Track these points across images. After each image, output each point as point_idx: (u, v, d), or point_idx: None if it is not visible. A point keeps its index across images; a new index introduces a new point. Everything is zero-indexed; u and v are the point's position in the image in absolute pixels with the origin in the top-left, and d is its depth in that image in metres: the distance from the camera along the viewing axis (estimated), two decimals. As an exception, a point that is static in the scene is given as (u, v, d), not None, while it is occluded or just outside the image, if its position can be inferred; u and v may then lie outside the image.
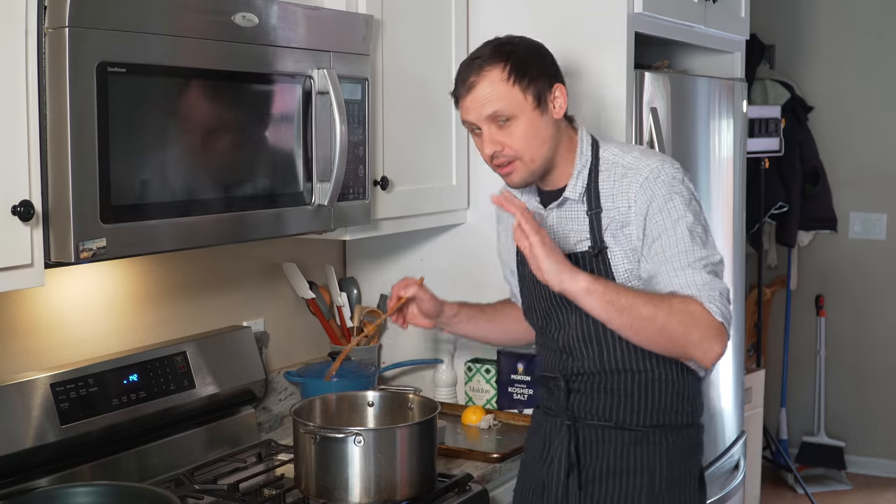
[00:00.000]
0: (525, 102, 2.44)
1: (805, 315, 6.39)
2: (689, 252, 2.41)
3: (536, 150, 2.47)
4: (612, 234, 2.48)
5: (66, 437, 2.56)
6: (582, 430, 2.57)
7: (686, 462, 2.59)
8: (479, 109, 2.45)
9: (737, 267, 4.04)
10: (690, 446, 2.60)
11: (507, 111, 2.43)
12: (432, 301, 2.74)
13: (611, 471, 2.54)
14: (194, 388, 2.91)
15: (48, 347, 2.69)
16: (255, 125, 2.52)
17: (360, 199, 2.85)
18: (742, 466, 4.09)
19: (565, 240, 2.54)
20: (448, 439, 3.10)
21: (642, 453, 2.53)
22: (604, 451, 2.55)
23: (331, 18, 2.76)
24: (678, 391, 2.55)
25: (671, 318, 2.34)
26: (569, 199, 2.53)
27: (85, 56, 2.06)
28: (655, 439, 2.54)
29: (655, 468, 2.53)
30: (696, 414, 2.61)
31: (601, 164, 2.53)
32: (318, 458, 2.56)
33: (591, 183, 2.52)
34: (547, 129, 2.48)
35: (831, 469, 6.25)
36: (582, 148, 2.54)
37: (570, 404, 2.58)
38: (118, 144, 2.14)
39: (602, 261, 2.48)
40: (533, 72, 2.45)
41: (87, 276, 2.76)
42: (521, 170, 2.49)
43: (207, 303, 3.14)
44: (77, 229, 2.08)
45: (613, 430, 2.54)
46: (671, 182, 2.45)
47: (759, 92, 6.19)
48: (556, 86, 2.49)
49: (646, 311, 2.35)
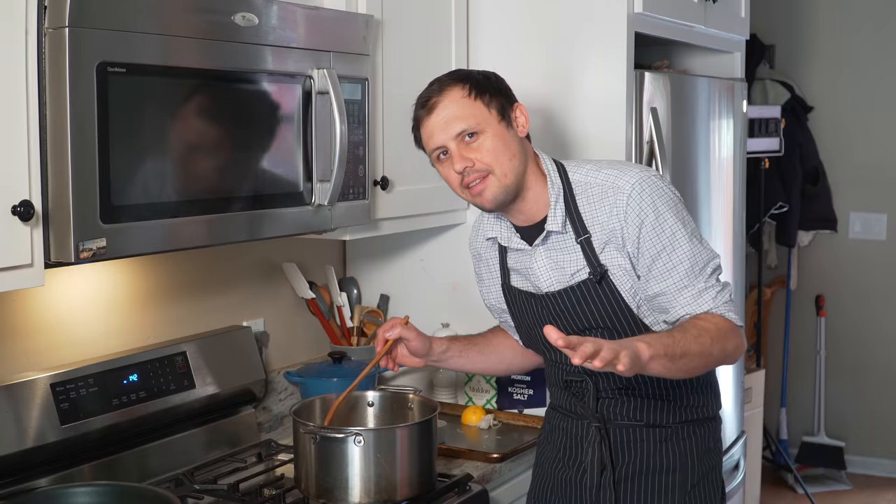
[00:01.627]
0: (490, 116, 2.42)
1: (805, 315, 6.39)
2: (693, 265, 2.42)
3: (507, 163, 2.43)
4: (608, 255, 2.46)
5: (66, 437, 2.56)
6: (612, 430, 2.57)
7: (713, 455, 2.63)
8: (445, 129, 2.42)
9: (737, 267, 4.04)
10: (714, 439, 2.64)
11: (473, 126, 2.41)
12: (419, 339, 2.66)
13: (644, 469, 2.56)
14: (194, 389, 2.91)
15: (48, 347, 2.69)
16: (255, 125, 2.52)
17: (360, 199, 2.85)
18: (742, 466, 4.09)
19: (561, 272, 2.51)
20: (448, 439, 3.10)
21: (674, 450, 2.56)
22: (636, 450, 2.56)
23: (331, 18, 2.76)
24: (702, 385, 2.59)
25: (713, 345, 2.36)
26: (553, 232, 2.50)
27: (85, 56, 2.06)
28: (685, 435, 2.57)
29: (687, 463, 2.56)
30: (717, 405, 2.65)
31: (575, 188, 2.50)
32: (318, 458, 2.56)
33: (570, 209, 2.48)
34: (514, 143, 2.45)
35: (831, 469, 6.24)
36: (551, 176, 2.50)
37: (599, 407, 2.58)
38: (118, 144, 2.14)
39: (606, 285, 2.47)
40: (492, 89, 2.46)
41: (87, 277, 2.76)
42: (494, 185, 2.43)
43: (207, 303, 3.14)
44: (77, 229, 2.08)
45: (644, 429, 2.56)
46: (656, 194, 2.43)
47: (759, 92, 6.19)
48: (516, 105, 2.49)
49: (695, 349, 2.32)
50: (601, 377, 2.54)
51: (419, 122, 2.48)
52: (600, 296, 2.48)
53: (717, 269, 2.47)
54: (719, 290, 2.44)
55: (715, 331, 2.37)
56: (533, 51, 3.32)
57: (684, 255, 2.42)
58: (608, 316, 2.48)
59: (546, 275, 2.53)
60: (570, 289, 2.49)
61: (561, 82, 3.28)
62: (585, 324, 2.51)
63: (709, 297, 2.42)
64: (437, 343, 2.72)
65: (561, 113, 3.26)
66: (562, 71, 3.27)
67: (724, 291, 2.45)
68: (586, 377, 2.55)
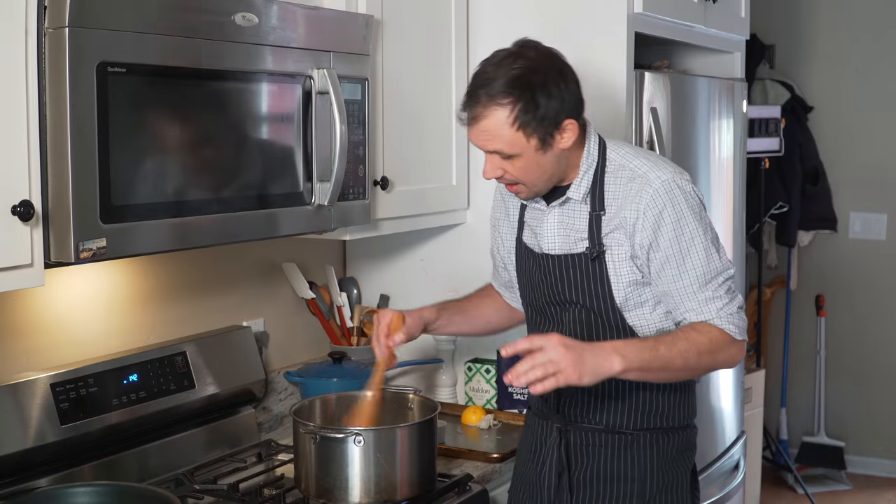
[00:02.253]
0: (528, 145, 2.37)
1: (805, 315, 6.39)
2: (705, 273, 2.42)
3: (537, 179, 2.44)
4: (613, 239, 2.46)
5: (65, 437, 2.56)
6: (573, 433, 2.57)
7: (678, 464, 2.58)
8: (482, 142, 2.41)
9: (737, 267, 4.04)
10: (682, 448, 2.60)
11: (508, 151, 2.38)
12: (415, 327, 2.67)
13: (602, 475, 2.54)
14: (194, 388, 2.91)
15: (48, 347, 2.69)
16: (256, 125, 2.52)
17: (360, 199, 2.85)
18: (742, 466, 4.09)
19: (565, 238, 2.53)
20: (448, 439, 3.10)
21: (634, 457, 2.53)
22: (595, 454, 2.55)
23: (331, 18, 2.76)
24: (671, 394, 2.55)
25: (700, 359, 2.37)
26: (571, 199, 2.52)
27: (85, 56, 2.06)
28: (647, 443, 2.54)
29: (646, 472, 2.54)
30: (689, 416, 2.61)
31: (608, 165, 2.49)
32: (318, 459, 2.56)
33: (596, 184, 2.49)
34: (549, 164, 2.42)
35: (831, 469, 6.24)
36: (589, 148, 2.50)
37: (561, 407, 2.58)
38: (118, 144, 2.14)
39: (599, 265, 2.47)
40: (542, 113, 2.34)
41: (87, 276, 2.76)
42: (525, 191, 2.48)
43: (207, 303, 3.14)
44: (77, 229, 2.08)
45: (604, 434, 2.54)
46: (682, 197, 2.42)
47: (759, 92, 6.19)
48: (567, 122, 2.39)
49: (678, 363, 2.35)
50: None
51: (464, 117, 2.41)
52: (590, 273, 2.48)
53: (728, 280, 2.45)
54: (726, 302, 2.42)
55: (707, 344, 2.37)
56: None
57: (698, 261, 2.41)
58: (590, 296, 2.49)
59: (551, 235, 2.54)
60: (566, 257, 2.50)
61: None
62: (566, 297, 2.52)
63: (714, 307, 2.41)
64: (427, 313, 2.73)
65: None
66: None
67: (731, 304, 2.43)
68: None
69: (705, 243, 2.43)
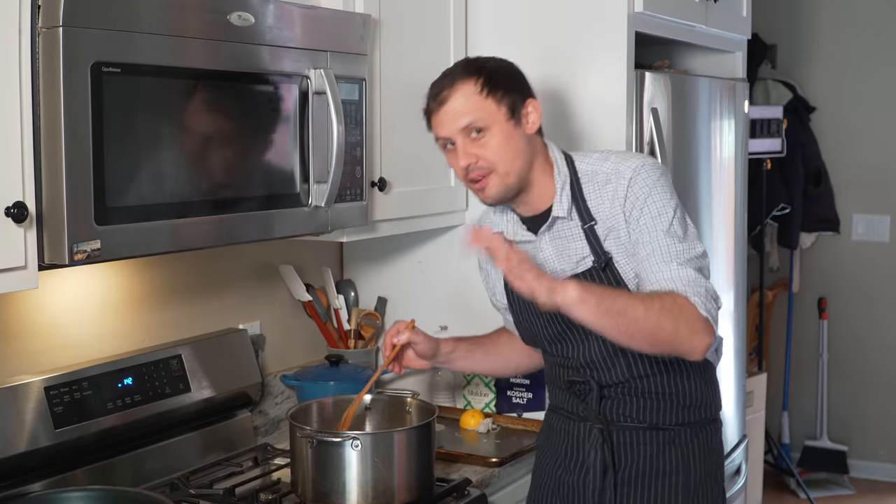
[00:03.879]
0: (498, 113, 2.45)
1: (807, 318, 6.39)
2: (671, 246, 2.42)
3: (510, 162, 2.47)
4: (611, 243, 2.49)
5: (59, 441, 2.56)
6: (616, 433, 2.58)
7: (715, 456, 2.65)
8: (452, 122, 2.46)
9: (738, 269, 4.05)
10: (717, 441, 2.66)
11: (480, 122, 2.44)
12: (427, 342, 2.69)
13: (647, 471, 2.57)
14: (190, 392, 2.91)
15: (42, 350, 2.69)
16: (252, 126, 2.52)
17: (358, 200, 2.86)
18: (744, 471, 4.09)
19: (567, 261, 2.53)
20: (446, 443, 3.10)
21: (677, 452, 2.57)
22: (639, 452, 2.57)
23: (328, 18, 2.76)
24: (704, 384, 2.60)
25: (662, 316, 2.33)
26: (559, 218, 2.53)
27: (79, 56, 2.06)
28: (687, 438, 2.58)
29: (690, 465, 2.58)
30: (717, 406, 2.66)
31: (581, 177, 2.54)
32: (315, 463, 2.56)
33: (577, 196, 2.52)
34: (520, 142, 2.48)
35: (834, 473, 6.25)
36: (558, 164, 2.54)
37: (601, 409, 2.59)
38: (113, 145, 2.14)
39: (611, 272, 2.49)
40: (505, 85, 2.47)
41: (82, 279, 2.76)
42: (496, 183, 2.48)
43: (203, 305, 3.14)
44: (71, 231, 2.08)
45: (647, 431, 2.57)
46: (650, 179, 2.47)
47: (761, 92, 6.19)
48: (529, 100, 2.51)
49: (638, 312, 2.32)
50: (604, 377, 2.55)
51: (430, 112, 2.51)
52: (605, 283, 2.49)
53: (699, 260, 2.44)
54: (696, 279, 2.39)
55: (669, 305, 2.33)
56: (532, 50, 3.32)
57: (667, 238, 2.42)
58: None
59: (551, 263, 2.55)
60: (575, 277, 2.50)
61: (560, 82, 3.28)
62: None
63: (682, 278, 2.38)
64: (443, 345, 2.74)
65: (560, 114, 3.26)
66: (561, 71, 3.27)
67: (701, 283, 2.39)
68: (590, 378, 2.56)
69: (672, 221, 2.44)
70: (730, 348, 3.98)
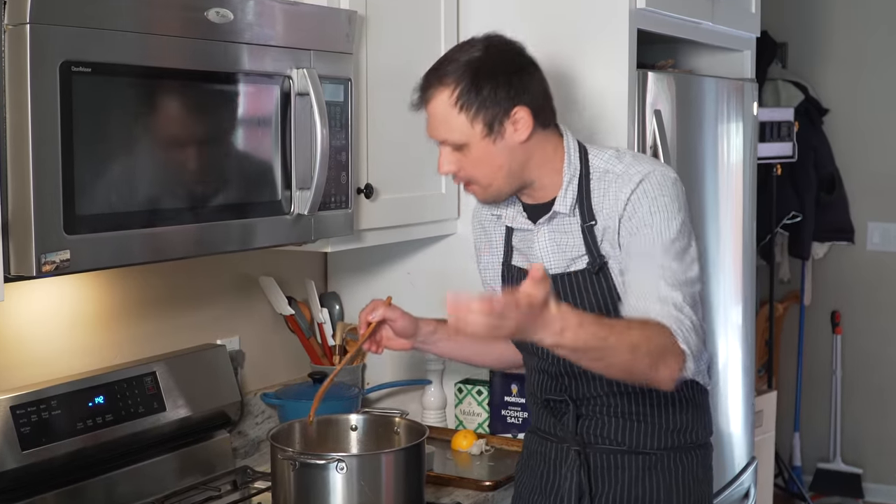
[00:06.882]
0: (472, 132, 2.43)
1: (820, 332, 6.41)
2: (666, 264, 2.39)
3: (491, 175, 2.48)
4: (607, 244, 2.49)
5: (27, 463, 2.56)
6: (592, 455, 2.58)
7: (702, 486, 2.62)
8: (432, 128, 2.50)
9: (747, 281, 4.05)
10: (704, 470, 2.63)
11: (453, 140, 2.46)
12: (404, 318, 2.69)
13: (626, 499, 2.56)
14: (165, 411, 2.91)
15: (8, 367, 2.69)
16: (230, 129, 2.53)
17: (343, 208, 2.86)
18: (752, 495, 4.10)
19: (561, 257, 2.54)
20: (437, 466, 3.10)
21: (658, 480, 2.56)
22: (617, 478, 2.56)
23: (311, 15, 2.77)
24: (692, 408, 2.58)
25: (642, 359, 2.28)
26: (559, 213, 2.54)
27: (47, 55, 2.06)
28: (671, 464, 2.56)
29: (672, 495, 2.56)
30: (708, 431, 2.65)
31: (592, 173, 2.53)
32: (298, 486, 2.57)
33: (583, 194, 2.52)
34: (500, 156, 2.46)
35: (848, 498, 6.27)
36: (570, 157, 2.54)
37: (579, 429, 2.59)
38: (83, 149, 2.14)
39: (603, 277, 2.50)
40: (485, 95, 2.41)
41: (50, 291, 2.76)
42: (480, 192, 2.53)
43: (179, 320, 3.14)
44: (39, 241, 2.07)
45: (627, 455, 2.56)
46: (657, 188, 2.45)
47: (771, 93, 6.21)
48: (517, 109, 2.44)
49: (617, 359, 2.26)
50: (583, 388, 2.55)
51: (417, 107, 2.53)
52: (595, 288, 2.50)
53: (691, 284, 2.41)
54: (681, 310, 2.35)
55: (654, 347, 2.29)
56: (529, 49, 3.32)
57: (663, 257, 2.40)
58: (601, 309, 2.49)
59: (546, 255, 2.56)
60: (567, 275, 2.52)
61: (559, 83, 3.27)
62: None
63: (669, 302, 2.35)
64: (424, 323, 2.73)
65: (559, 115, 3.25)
66: (559, 71, 3.28)
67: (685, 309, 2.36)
68: (566, 397, 2.58)
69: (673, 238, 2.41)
70: (738, 365, 3.99)
